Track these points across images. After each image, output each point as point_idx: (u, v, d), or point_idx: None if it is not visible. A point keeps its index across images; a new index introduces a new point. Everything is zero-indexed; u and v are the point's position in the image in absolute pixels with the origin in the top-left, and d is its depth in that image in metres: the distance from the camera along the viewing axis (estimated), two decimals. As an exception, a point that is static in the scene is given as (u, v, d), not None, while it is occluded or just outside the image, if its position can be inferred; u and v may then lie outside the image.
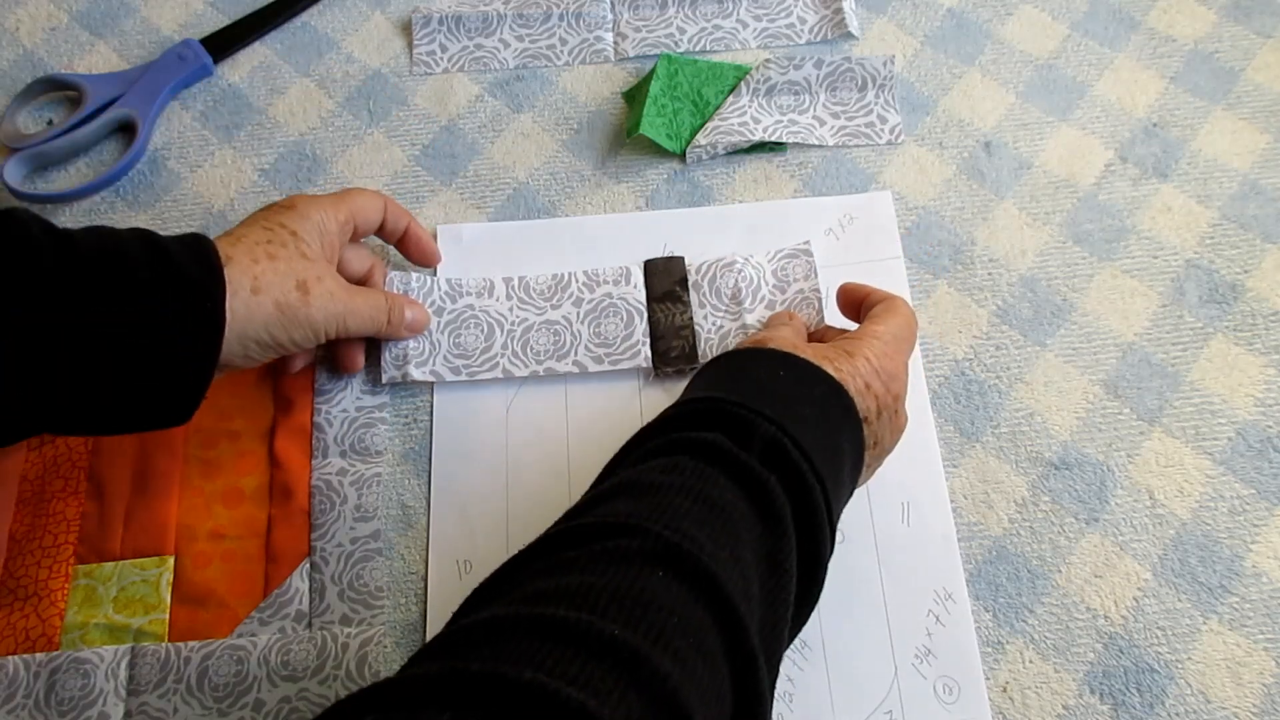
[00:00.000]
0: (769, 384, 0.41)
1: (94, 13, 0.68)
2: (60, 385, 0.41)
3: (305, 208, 0.49)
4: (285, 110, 0.64)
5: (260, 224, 0.48)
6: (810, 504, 0.38)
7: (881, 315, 0.47)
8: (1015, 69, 0.63)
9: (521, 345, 0.55)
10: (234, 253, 0.45)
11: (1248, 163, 0.59)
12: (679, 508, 0.35)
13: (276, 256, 0.46)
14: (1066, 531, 0.50)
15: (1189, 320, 0.55)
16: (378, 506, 0.52)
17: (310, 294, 0.47)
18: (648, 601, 0.31)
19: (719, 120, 0.60)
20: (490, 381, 0.54)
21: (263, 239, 0.47)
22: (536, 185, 0.61)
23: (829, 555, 0.39)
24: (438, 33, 0.65)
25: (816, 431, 0.40)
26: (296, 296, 0.47)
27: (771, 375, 0.42)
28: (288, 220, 0.48)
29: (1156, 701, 0.46)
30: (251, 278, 0.45)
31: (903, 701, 0.47)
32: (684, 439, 0.38)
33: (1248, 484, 0.51)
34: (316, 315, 0.47)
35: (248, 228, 0.48)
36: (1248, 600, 0.48)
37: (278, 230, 0.48)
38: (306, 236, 0.48)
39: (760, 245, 0.57)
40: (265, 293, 0.45)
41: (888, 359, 0.44)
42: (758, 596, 0.35)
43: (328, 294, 0.48)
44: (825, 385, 0.41)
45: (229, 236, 0.47)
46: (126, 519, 0.52)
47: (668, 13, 0.65)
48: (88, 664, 0.48)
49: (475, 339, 0.55)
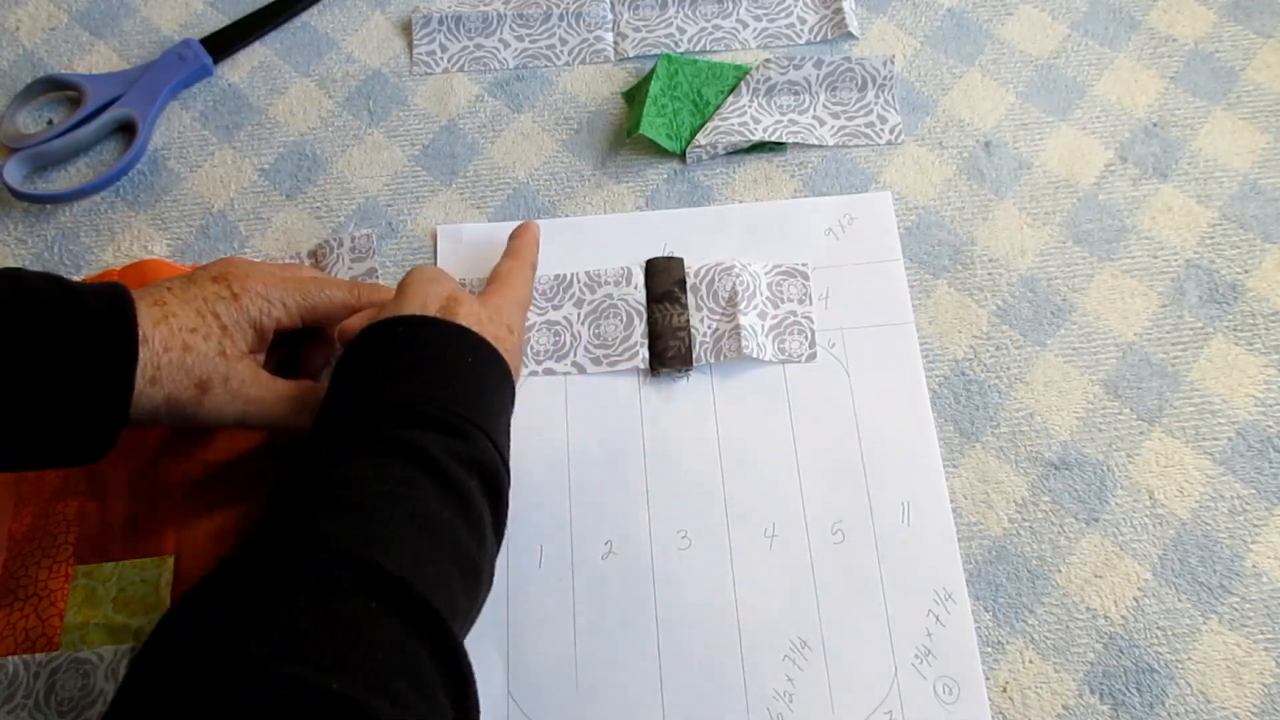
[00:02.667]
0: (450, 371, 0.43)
1: (94, 13, 0.68)
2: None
3: (247, 302, 0.47)
4: (285, 110, 0.64)
5: (194, 306, 0.45)
6: (498, 489, 0.42)
7: None
8: (1015, 69, 0.63)
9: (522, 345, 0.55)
10: (152, 333, 0.43)
11: (1248, 163, 0.59)
12: (391, 526, 0.36)
13: (191, 348, 0.44)
14: (1066, 531, 0.50)
15: (1189, 320, 0.55)
16: (377, 506, 0.52)
17: (208, 393, 0.45)
18: (366, 643, 0.32)
19: (719, 120, 0.60)
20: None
21: (188, 325, 0.45)
22: (536, 185, 0.61)
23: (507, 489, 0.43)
24: (438, 33, 0.65)
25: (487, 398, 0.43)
26: (191, 394, 0.44)
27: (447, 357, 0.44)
28: (223, 311, 0.46)
29: (1156, 701, 0.46)
30: (154, 367, 0.43)
31: (903, 701, 0.46)
32: (394, 438, 0.39)
33: (1248, 484, 0.51)
34: (206, 414, 0.46)
35: (181, 304, 0.45)
36: (1248, 600, 0.48)
37: (208, 320, 0.45)
38: (236, 333, 0.46)
39: (760, 245, 0.57)
40: (161, 384, 0.43)
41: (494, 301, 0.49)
42: (461, 603, 0.37)
43: (229, 395, 0.46)
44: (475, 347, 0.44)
45: (159, 308, 0.45)
46: (126, 519, 0.52)
47: (668, 13, 0.65)
48: (88, 664, 0.48)
49: None
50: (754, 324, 0.54)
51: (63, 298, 0.42)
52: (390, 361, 0.43)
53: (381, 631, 0.33)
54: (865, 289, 0.56)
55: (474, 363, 0.44)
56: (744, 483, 0.51)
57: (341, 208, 0.60)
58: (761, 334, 0.54)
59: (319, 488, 0.38)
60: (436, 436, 0.40)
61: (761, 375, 0.54)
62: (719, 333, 0.54)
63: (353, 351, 0.44)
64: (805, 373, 0.54)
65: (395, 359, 0.43)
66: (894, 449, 0.52)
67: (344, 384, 0.43)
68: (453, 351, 0.44)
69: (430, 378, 0.42)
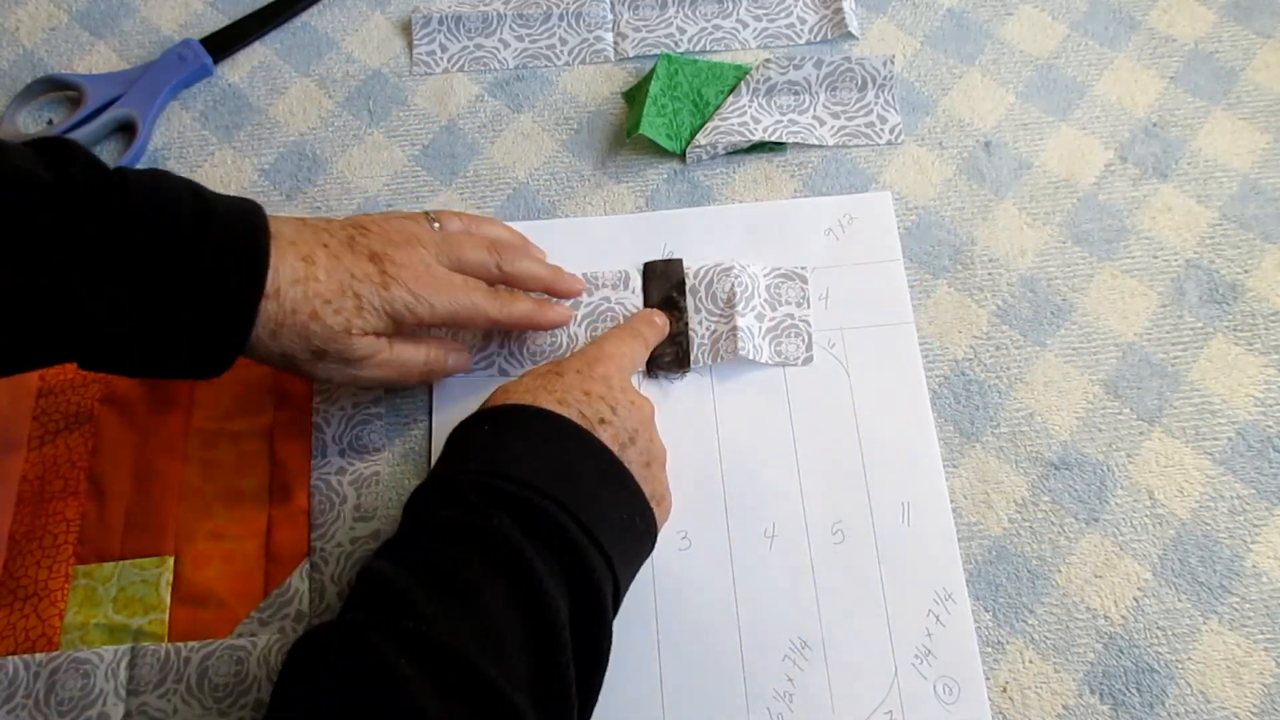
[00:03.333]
0: (490, 442, 0.42)
1: (94, 13, 0.68)
2: (92, 318, 0.41)
3: (395, 293, 0.46)
4: (285, 110, 0.64)
5: (340, 279, 0.45)
6: (596, 596, 0.39)
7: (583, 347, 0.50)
8: (1015, 69, 0.63)
9: (518, 345, 0.55)
10: (287, 289, 0.44)
11: (1248, 163, 0.59)
12: (419, 599, 0.36)
13: (319, 317, 0.45)
14: (1066, 531, 0.50)
15: (1189, 320, 0.55)
16: (377, 506, 0.52)
17: (323, 360, 0.46)
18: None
19: (719, 120, 0.60)
20: (488, 380, 0.54)
21: (324, 295, 0.45)
22: (536, 185, 0.61)
23: (597, 562, 0.39)
24: (438, 33, 0.65)
25: (544, 459, 0.41)
26: (306, 357, 0.46)
27: (490, 434, 0.43)
28: (366, 293, 0.46)
29: (1156, 701, 0.46)
30: (277, 324, 0.44)
31: (903, 701, 0.46)
32: (422, 524, 0.39)
33: (1248, 484, 0.51)
34: (319, 375, 0.47)
35: (328, 274, 0.45)
36: (1248, 600, 0.48)
37: (347, 296, 0.45)
38: (370, 314, 0.46)
39: (760, 245, 0.57)
40: (279, 341, 0.44)
41: (594, 364, 0.47)
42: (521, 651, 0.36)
43: (341, 362, 0.47)
44: (527, 415, 0.43)
45: (305, 265, 0.45)
46: (126, 519, 0.52)
47: (668, 13, 0.65)
48: (87, 664, 0.48)
49: (473, 337, 0.55)
50: (751, 325, 0.54)
51: (201, 212, 0.42)
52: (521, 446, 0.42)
53: None
54: (865, 289, 0.56)
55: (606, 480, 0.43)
56: (744, 483, 0.51)
57: (341, 208, 0.60)
58: (758, 335, 0.54)
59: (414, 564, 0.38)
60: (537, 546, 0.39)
61: (761, 375, 0.54)
62: (717, 334, 0.54)
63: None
64: (805, 373, 0.54)
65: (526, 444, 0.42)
66: (894, 449, 0.52)
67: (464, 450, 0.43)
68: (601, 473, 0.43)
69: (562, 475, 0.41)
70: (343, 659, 0.34)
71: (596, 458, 0.42)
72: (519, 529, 0.38)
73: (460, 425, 0.44)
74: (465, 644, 0.35)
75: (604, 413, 0.44)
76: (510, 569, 0.37)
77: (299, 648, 0.36)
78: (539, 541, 0.38)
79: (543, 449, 0.42)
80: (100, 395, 0.55)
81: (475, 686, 0.34)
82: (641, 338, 0.52)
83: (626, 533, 0.42)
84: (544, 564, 0.38)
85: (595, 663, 0.39)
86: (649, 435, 0.46)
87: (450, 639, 0.34)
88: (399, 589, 0.36)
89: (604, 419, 0.44)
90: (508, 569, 0.37)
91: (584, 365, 0.47)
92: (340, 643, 0.35)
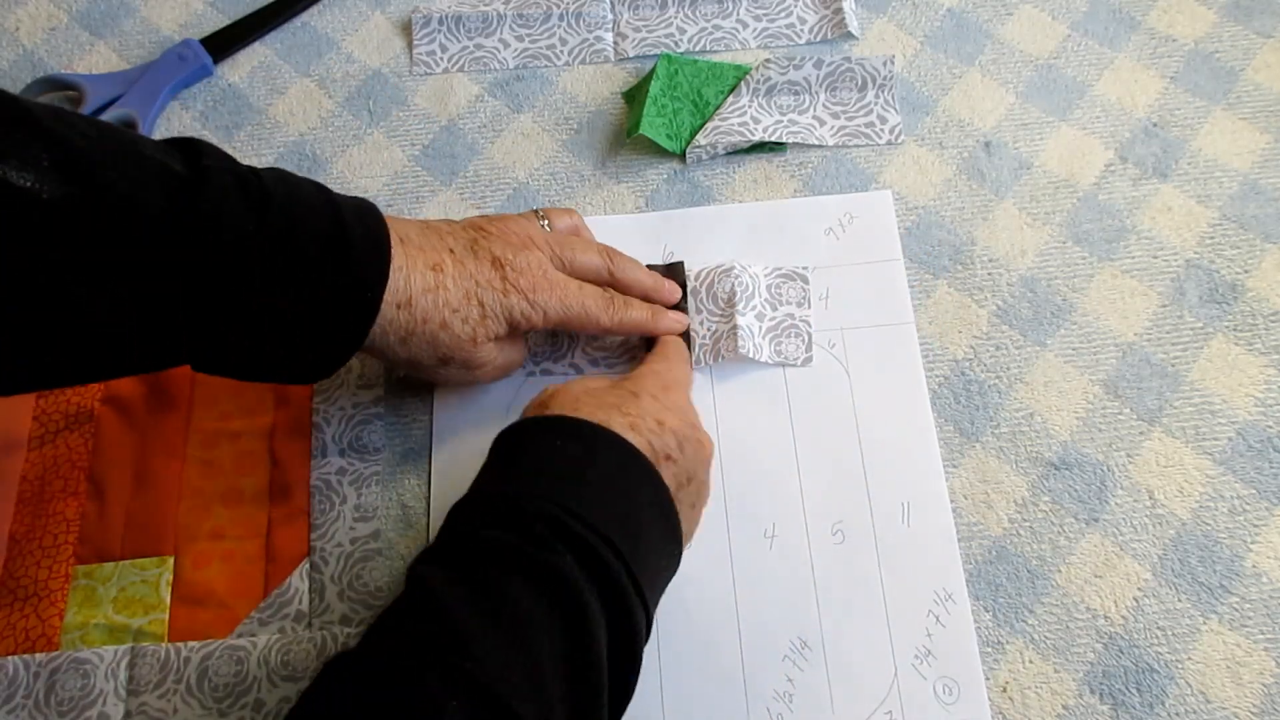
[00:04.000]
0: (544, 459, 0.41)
1: (94, 13, 0.68)
2: (211, 337, 0.41)
3: (515, 301, 0.47)
4: (285, 110, 0.64)
5: (466, 286, 0.46)
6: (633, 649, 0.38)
7: (654, 354, 0.50)
8: (1015, 69, 0.63)
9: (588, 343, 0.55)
10: (419, 299, 0.44)
11: (1248, 163, 0.59)
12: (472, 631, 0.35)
13: (448, 327, 0.45)
14: (1066, 531, 0.50)
15: (1189, 320, 0.55)
16: (377, 506, 0.52)
17: (447, 367, 0.48)
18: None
19: (719, 120, 0.60)
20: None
21: (452, 304, 0.45)
22: (536, 185, 0.61)
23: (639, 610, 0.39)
24: (438, 33, 0.65)
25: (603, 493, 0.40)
26: (432, 364, 0.47)
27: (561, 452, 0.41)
28: (488, 300, 0.46)
29: (1156, 701, 0.46)
30: (407, 331, 0.45)
31: (903, 701, 0.46)
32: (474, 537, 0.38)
33: (1248, 484, 0.51)
34: (440, 379, 0.50)
35: (455, 281, 0.45)
36: (1248, 600, 0.48)
37: (472, 304, 0.46)
38: (491, 322, 0.47)
39: (760, 245, 0.57)
40: (409, 347, 0.45)
41: (672, 391, 0.46)
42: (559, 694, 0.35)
43: (463, 368, 0.48)
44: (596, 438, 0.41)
45: (435, 274, 0.45)
46: (126, 519, 0.52)
47: (668, 13, 0.65)
48: (87, 664, 0.48)
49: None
50: (751, 325, 0.54)
51: (334, 243, 0.42)
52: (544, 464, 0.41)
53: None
54: (865, 289, 0.56)
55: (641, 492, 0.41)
56: (744, 483, 0.51)
57: (341, 208, 0.60)
58: (759, 335, 0.54)
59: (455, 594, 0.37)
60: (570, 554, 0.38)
61: (761, 376, 0.54)
62: (717, 334, 0.54)
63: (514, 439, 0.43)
64: (805, 373, 0.54)
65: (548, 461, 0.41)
66: (894, 449, 0.52)
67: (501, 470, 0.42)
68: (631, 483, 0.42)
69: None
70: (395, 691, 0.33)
71: (658, 503, 0.42)
72: (583, 574, 0.37)
73: (522, 427, 0.43)
74: (514, 691, 0.33)
75: (671, 448, 0.43)
76: (569, 616, 0.36)
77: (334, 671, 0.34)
78: (596, 588, 0.37)
79: (612, 487, 0.40)
80: (100, 395, 0.55)
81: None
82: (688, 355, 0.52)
83: (661, 576, 0.42)
84: (599, 614, 0.37)
85: (618, 713, 0.39)
86: (703, 478, 0.46)
87: (502, 687, 0.33)
88: (456, 619, 0.35)
89: (670, 455, 0.43)
90: (566, 615, 0.36)
91: (660, 390, 0.46)
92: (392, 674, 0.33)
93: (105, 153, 0.38)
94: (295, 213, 0.41)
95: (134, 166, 0.38)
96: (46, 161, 0.36)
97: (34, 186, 0.35)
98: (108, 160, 0.37)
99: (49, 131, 0.36)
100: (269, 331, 0.41)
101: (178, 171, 0.39)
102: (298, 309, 0.41)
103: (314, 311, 0.42)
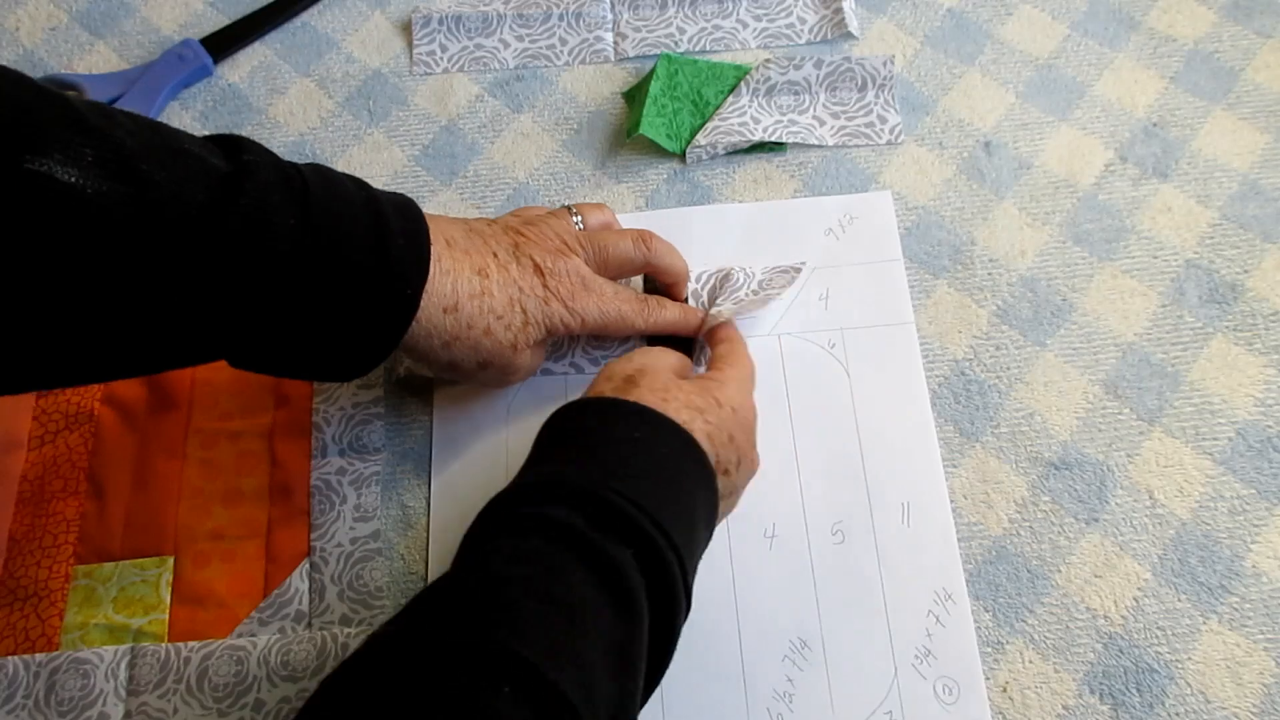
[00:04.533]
0: (623, 448, 0.40)
1: (94, 13, 0.68)
2: (251, 333, 0.40)
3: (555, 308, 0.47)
4: (285, 110, 0.64)
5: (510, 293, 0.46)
6: (667, 580, 0.37)
7: (729, 358, 0.48)
8: (1015, 69, 0.63)
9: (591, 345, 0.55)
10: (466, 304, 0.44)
11: (1248, 163, 0.59)
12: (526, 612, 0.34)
13: (491, 334, 0.45)
14: (1066, 531, 0.50)
15: (1189, 320, 0.55)
16: (377, 506, 0.52)
17: (485, 371, 0.47)
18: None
19: (719, 120, 0.60)
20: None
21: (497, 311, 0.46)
22: (536, 185, 0.61)
23: (682, 623, 0.39)
24: (438, 33, 0.65)
25: (671, 494, 0.39)
26: (472, 368, 0.47)
27: (626, 436, 0.41)
28: (531, 307, 0.47)
29: (1156, 701, 0.46)
30: (452, 336, 0.45)
31: (903, 701, 0.46)
32: (537, 517, 0.37)
33: (1248, 484, 0.51)
34: (477, 382, 0.50)
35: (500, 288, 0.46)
36: (1248, 600, 0.48)
37: (515, 310, 0.46)
38: (532, 329, 0.47)
39: (760, 245, 0.57)
40: (451, 351, 0.45)
41: (746, 408, 0.46)
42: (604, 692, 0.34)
43: (501, 373, 0.48)
44: (679, 441, 0.41)
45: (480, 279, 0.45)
46: (126, 519, 0.52)
47: (668, 13, 0.65)
48: (87, 664, 0.48)
49: None
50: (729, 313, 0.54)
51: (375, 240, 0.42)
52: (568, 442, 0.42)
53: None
54: (865, 289, 0.56)
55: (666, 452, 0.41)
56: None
57: (341, 208, 0.60)
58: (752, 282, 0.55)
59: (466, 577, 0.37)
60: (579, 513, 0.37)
61: (761, 375, 0.54)
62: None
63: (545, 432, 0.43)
64: (805, 373, 0.54)
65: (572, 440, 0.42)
66: (894, 449, 0.52)
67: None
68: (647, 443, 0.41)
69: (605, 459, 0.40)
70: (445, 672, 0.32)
71: (708, 514, 0.42)
72: (640, 570, 0.37)
73: (613, 406, 0.42)
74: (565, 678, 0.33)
75: (730, 465, 0.43)
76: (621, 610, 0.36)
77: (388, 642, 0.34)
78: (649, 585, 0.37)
79: (680, 490, 0.40)
80: (100, 395, 0.55)
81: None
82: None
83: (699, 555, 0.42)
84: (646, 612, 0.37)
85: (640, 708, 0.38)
86: (740, 494, 0.46)
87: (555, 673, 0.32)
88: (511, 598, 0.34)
89: (728, 471, 0.43)
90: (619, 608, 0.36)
91: (740, 402, 0.45)
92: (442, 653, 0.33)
93: (148, 148, 0.38)
94: (335, 209, 0.41)
95: (177, 162, 0.38)
96: (91, 157, 0.36)
97: (78, 183, 0.35)
98: (150, 155, 0.37)
99: (94, 128, 0.36)
100: (308, 328, 0.41)
101: (219, 166, 0.39)
102: (337, 305, 0.41)
103: (353, 308, 0.41)
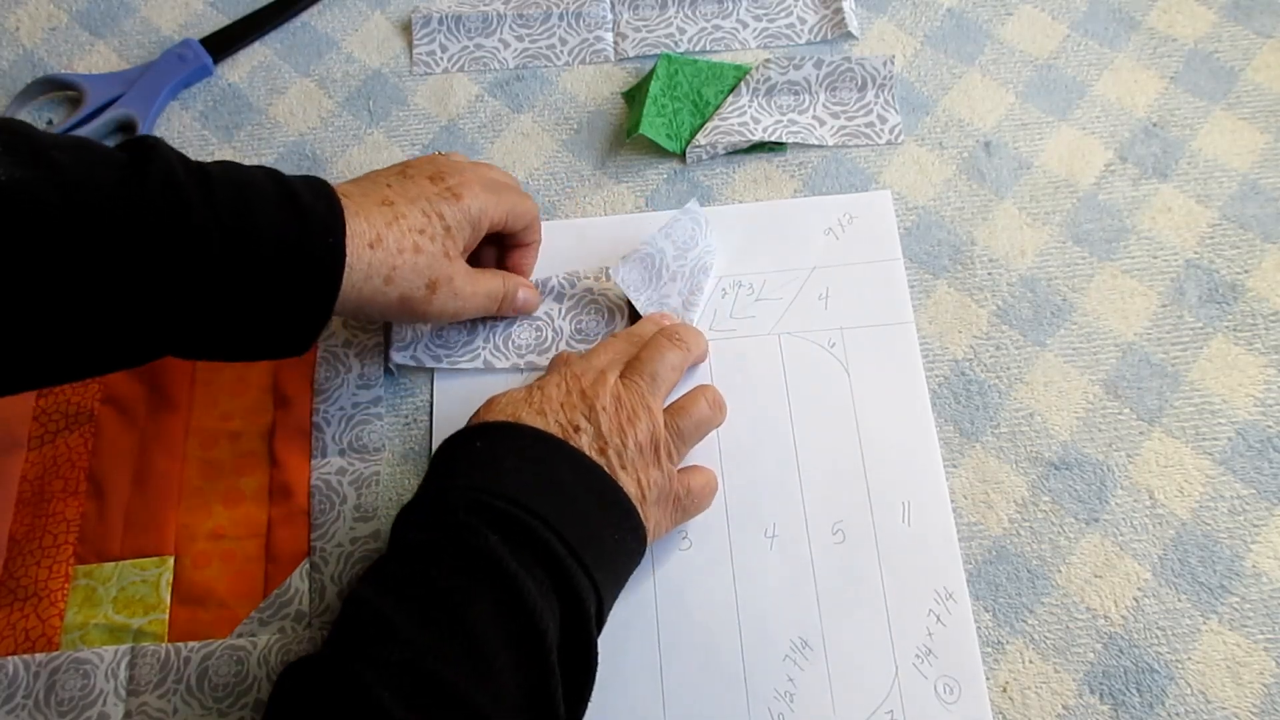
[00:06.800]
0: (477, 458, 0.42)
1: (94, 13, 0.68)
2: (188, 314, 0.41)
3: (469, 201, 0.48)
4: (285, 110, 0.64)
5: (420, 206, 0.47)
6: (581, 615, 0.39)
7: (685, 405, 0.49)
8: (1015, 69, 0.63)
9: (503, 340, 0.55)
10: (385, 234, 0.45)
11: (1248, 163, 0.59)
12: (399, 623, 0.36)
13: (421, 250, 0.46)
14: (1066, 531, 0.50)
15: (1189, 320, 0.55)
16: (378, 506, 0.52)
17: (436, 293, 0.48)
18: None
19: (719, 120, 0.60)
20: (484, 377, 0.54)
21: (416, 226, 0.46)
22: (536, 185, 0.61)
23: (595, 591, 0.40)
24: (438, 33, 0.65)
25: (532, 478, 0.41)
26: (423, 294, 0.47)
27: (478, 450, 0.42)
28: (447, 211, 0.48)
29: (1156, 701, 0.46)
30: (390, 268, 0.45)
31: (903, 701, 0.47)
32: (408, 546, 0.39)
33: (1248, 484, 0.51)
34: (433, 312, 0.48)
35: (408, 204, 0.47)
36: (1248, 600, 0.48)
37: (433, 220, 0.47)
38: (457, 233, 0.48)
39: (760, 245, 0.57)
40: (396, 284, 0.46)
41: (571, 371, 0.47)
42: (507, 666, 0.36)
43: (452, 294, 0.48)
44: (526, 435, 0.43)
45: (388, 208, 0.46)
46: (126, 519, 0.52)
47: (668, 13, 0.65)
48: (87, 664, 0.48)
49: (457, 330, 0.55)
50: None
51: (284, 200, 0.42)
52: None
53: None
54: (865, 289, 0.56)
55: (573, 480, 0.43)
56: (744, 482, 0.51)
57: (341, 208, 0.60)
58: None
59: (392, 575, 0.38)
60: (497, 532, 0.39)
61: (761, 375, 0.54)
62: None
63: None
64: (805, 373, 0.54)
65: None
66: (894, 449, 0.52)
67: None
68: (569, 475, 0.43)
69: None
70: (327, 694, 0.34)
71: (581, 475, 0.42)
72: (507, 547, 0.38)
73: (448, 440, 0.44)
74: (453, 671, 0.34)
75: (579, 420, 0.44)
76: (498, 589, 0.37)
77: (284, 680, 0.35)
78: (526, 560, 0.38)
79: (529, 464, 0.41)
80: (100, 395, 0.55)
81: (463, 716, 0.34)
82: (633, 338, 0.51)
83: (616, 548, 0.42)
84: (533, 583, 0.37)
85: (582, 684, 0.39)
86: (641, 437, 0.46)
87: (436, 666, 0.34)
88: (383, 616, 0.36)
89: (578, 426, 0.44)
90: (495, 589, 0.37)
91: (571, 373, 0.47)
92: (324, 676, 0.35)
93: (54, 141, 0.39)
94: (236, 177, 0.42)
95: (82, 150, 0.39)
96: None
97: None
98: (57, 145, 0.39)
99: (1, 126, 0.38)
100: (242, 298, 0.41)
101: (120, 155, 0.40)
102: (266, 269, 0.41)
103: (284, 268, 0.41)
